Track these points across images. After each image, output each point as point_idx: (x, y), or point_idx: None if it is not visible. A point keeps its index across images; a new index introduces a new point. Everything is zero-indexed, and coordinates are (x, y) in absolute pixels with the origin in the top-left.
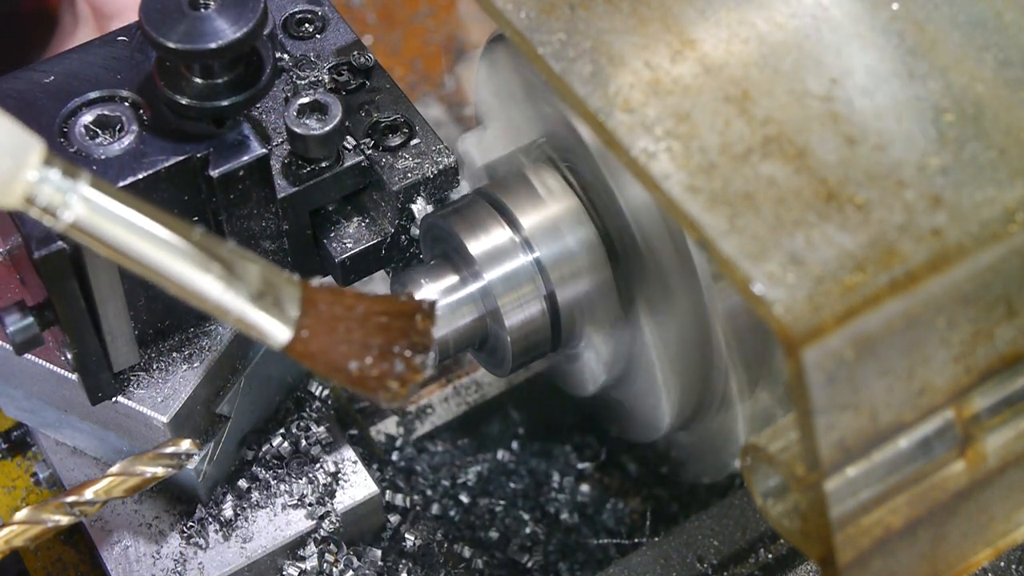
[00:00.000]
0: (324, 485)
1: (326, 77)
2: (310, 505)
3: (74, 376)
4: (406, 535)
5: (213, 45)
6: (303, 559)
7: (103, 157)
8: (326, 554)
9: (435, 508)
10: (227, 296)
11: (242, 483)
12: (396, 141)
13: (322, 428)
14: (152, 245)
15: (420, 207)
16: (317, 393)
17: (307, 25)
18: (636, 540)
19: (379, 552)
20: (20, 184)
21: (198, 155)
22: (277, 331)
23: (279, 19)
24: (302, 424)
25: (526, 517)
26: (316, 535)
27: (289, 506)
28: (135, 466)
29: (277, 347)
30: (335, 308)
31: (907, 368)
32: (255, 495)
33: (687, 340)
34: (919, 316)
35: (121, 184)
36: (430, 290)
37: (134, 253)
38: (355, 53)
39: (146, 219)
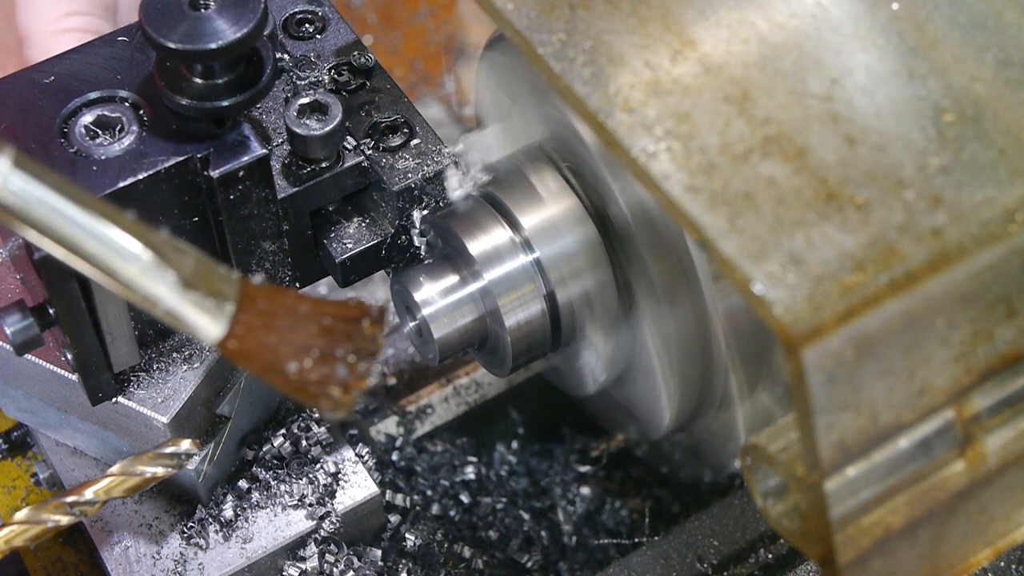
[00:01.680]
0: (324, 485)
1: (326, 77)
2: (310, 505)
3: (74, 376)
4: (406, 535)
5: (213, 45)
6: (303, 559)
7: (103, 158)
8: (326, 554)
9: (435, 508)
10: (155, 285)
11: (242, 483)
12: (396, 141)
13: (322, 428)
14: (74, 227)
15: (419, 215)
16: None
17: (307, 25)
18: (636, 540)
19: (379, 552)
20: None
21: (198, 155)
22: (208, 326)
23: (279, 19)
24: (302, 424)
25: (526, 517)
26: (316, 535)
27: (289, 506)
28: (135, 466)
29: (208, 343)
30: (275, 306)
31: (907, 368)
32: (255, 495)
33: (687, 340)
34: (919, 316)
35: (121, 184)
36: (430, 290)
37: (55, 234)
38: (355, 53)
39: (70, 200)
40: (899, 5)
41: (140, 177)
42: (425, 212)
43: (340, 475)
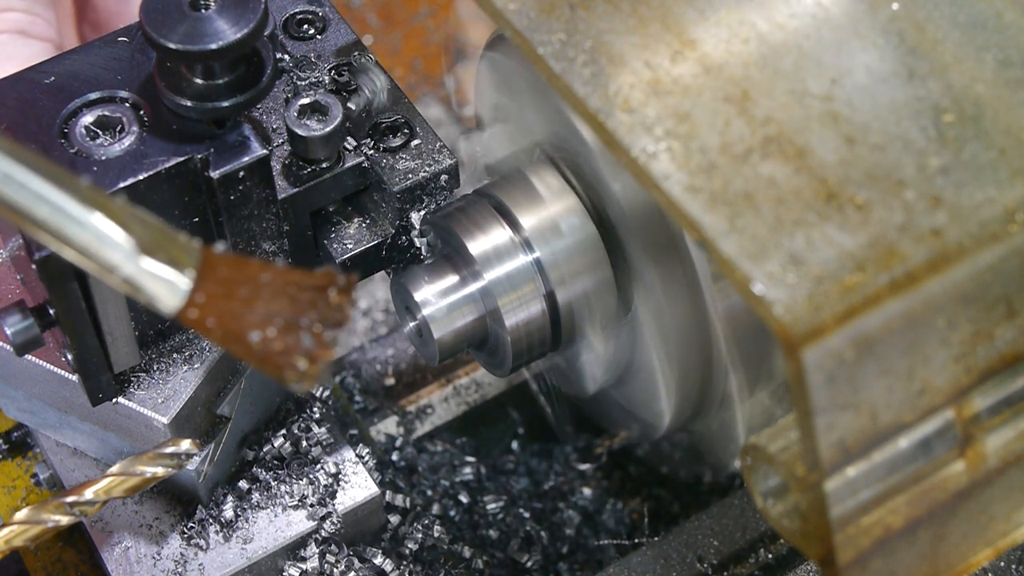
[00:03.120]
0: (325, 486)
1: (327, 78)
2: (311, 506)
3: (74, 377)
4: (406, 535)
5: (214, 46)
6: (304, 560)
7: (103, 158)
8: (327, 555)
9: (435, 508)
10: (111, 252)
11: (243, 484)
12: (396, 142)
13: (323, 429)
14: (26, 192)
15: (417, 216)
16: (318, 394)
17: (307, 26)
18: (636, 540)
19: (380, 552)
20: None
21: (199, 156)
22: (168, 294)
23: (279, 20)
24: (303, 425)
25: (526, 516)
26: (317, 536)
27: (290, 507)
28: (135, 466)
29: (168, 312)
30: (237, 274)
31: (907, 368)
32: (256, 496)
33: (687, 340)
34: (919, 316)
35: (122, 185)
36: (430, 290)
37: (6, 199)
38: (355, 54)
39: (23, 165)
40: (899, 5)
41: (140, 178)
42: (423, 214)
43: (340, 475)
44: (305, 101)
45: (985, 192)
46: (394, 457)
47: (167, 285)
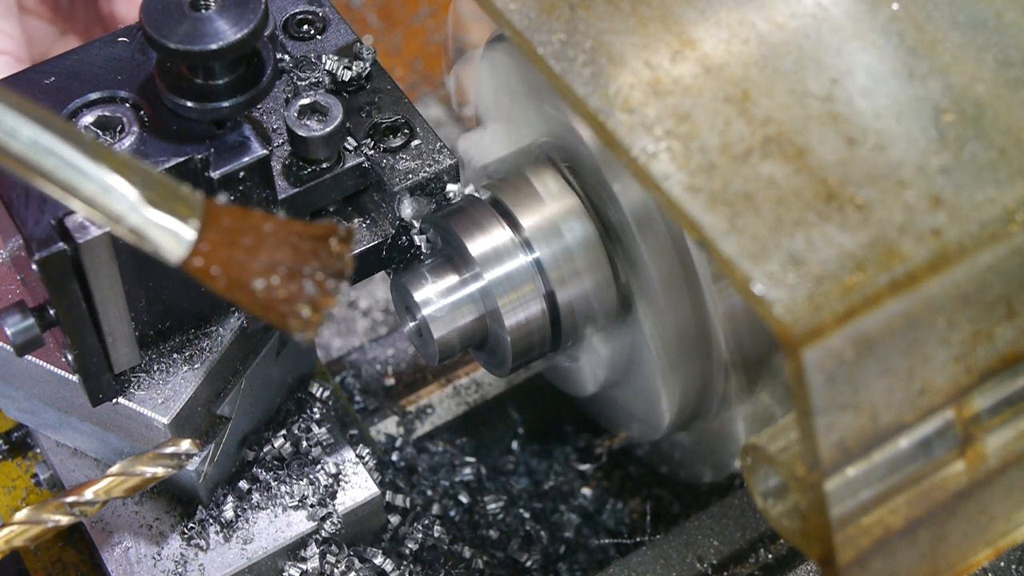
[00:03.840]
0: (325, 486)
1: (327, 78)
2: (311, 506)
3: (75, 377)
4: (406, 535)
5: (214, 46)
6: (304, 560)
7: None
8: (327, 555)
9: (435, 508)
10: (116, 203)
11: (243, 484)
12: (397, 142)
13: (323, 429)
14: (33, 145)
15: (409, 210)
16: (318, 394)
17: (307, 26)
18: (636, 540)
19: (380, 552)
20: None
21: (199, 156)
22: (173, 244)
23: (280, 20)
24: (303, 425)
25: (526, 516)
26: (317, 536)
27: (290, 507)
28: (135, 466)
29: (173, 261)
30: (241, 224)
31: (907, 368)
32: (256, 496)
33: (687, 340)
34: (919, 316)
35: None
36: (430, 290)
37: (12, 151)
38: (355, 54)
39: (28, 118)
40: (899, 5)
41: None
42: (415, 205)
43: (341, 476)
44: (305, 101)
45: (985, 192)
46: (394, 457)
47: (172, 235)
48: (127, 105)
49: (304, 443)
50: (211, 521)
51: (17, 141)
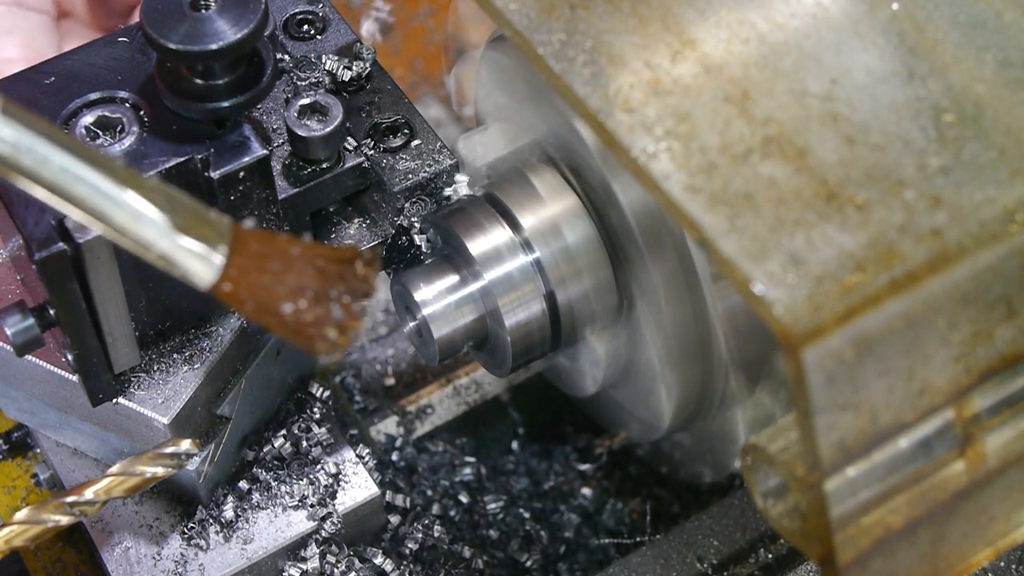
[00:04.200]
0: (325, 486)
1: (327, 78)
2: (311, 506)
3: (75, 377)
4: (406, 535)
5: (214, 46)
6: (304, 560)
7: None
8: (327, 555)
9: (435, 508)
10: (147, 230)
11: (243, 484)
12: (397, 142)
13: (323, 429)
14: (65, 174)
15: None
16: (318, 394)
17: (307, 26)
18: (636, 540)
19: (380, 552)
20: None
21: (199, 156)
22: (202, 269)
23: (280, 20)
24: (303, 425)
25: (526, 516)
26: (317, 536)
27: (290, 507)
28: (135, 466)
29: (203, 286)
30: (268, 248)
31: (907, 368)
32: (256, 496)
33: (687, 340)
34: (919, 316)
35: None
36: (430, 290)
37: (46, 182)
38: (355, 54)
39: (60, 147)
40: (899, 5)
41: None
42: (415, 203)
43: (341, 476)
44: (305, 101)
45: (985, 192)
46: (394, 457)
47: (201, 260)
48: (127, 105)
49: (304, 443)
50: (211, 521)
51: (48, 170)
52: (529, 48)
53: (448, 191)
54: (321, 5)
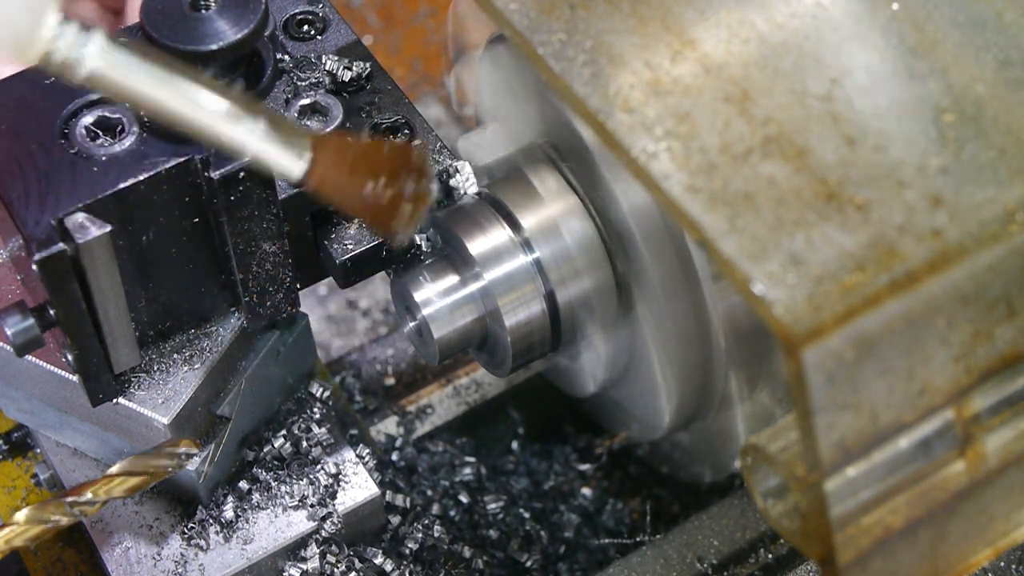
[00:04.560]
0: (325, 486)
1: (327, 78)
2: (311, 506)
3: (75, 377)
4: (406, 535)
5: (214, 46)
6: (304, 560)
7: (104, 158)
8: (327, 555)
9: (435, 508)
10: (243, 132)
11: (243, 484)
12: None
13: (323, 429)
14: (168, 91)
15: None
16: (318, 394)
17: (307, 26)
18: (636, 540)
19: (380, 552)
20: (39, 41)
21: (199, 156)
22: (293, 163)
23: (279, 20)
24: (303, 425)
25: (526, 516)
26: (317, 536)
27: (290, 507)
28: (135, 466)
29: (295, 177)
30: (341, 143)
31: (907, 368)
32: (256, 496)
33: (687, 340)
34: (919, 316)
35: (122, 185)
36: (430, 290)
37: (151, 99)
38: (355, 54)
39: (160, 68)
40: (899, 5)
41: (141, 178)
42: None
43: (341, 476)
44: (305, 102)
45: (985, 192)
46: (394, 457)
47: (292, 155)
48: (127, 105)
49: (304, 443)
50: (211, 521)
51: (166, 93)
52: (529, 48)
53: (456, 182)
54: (321, 5)
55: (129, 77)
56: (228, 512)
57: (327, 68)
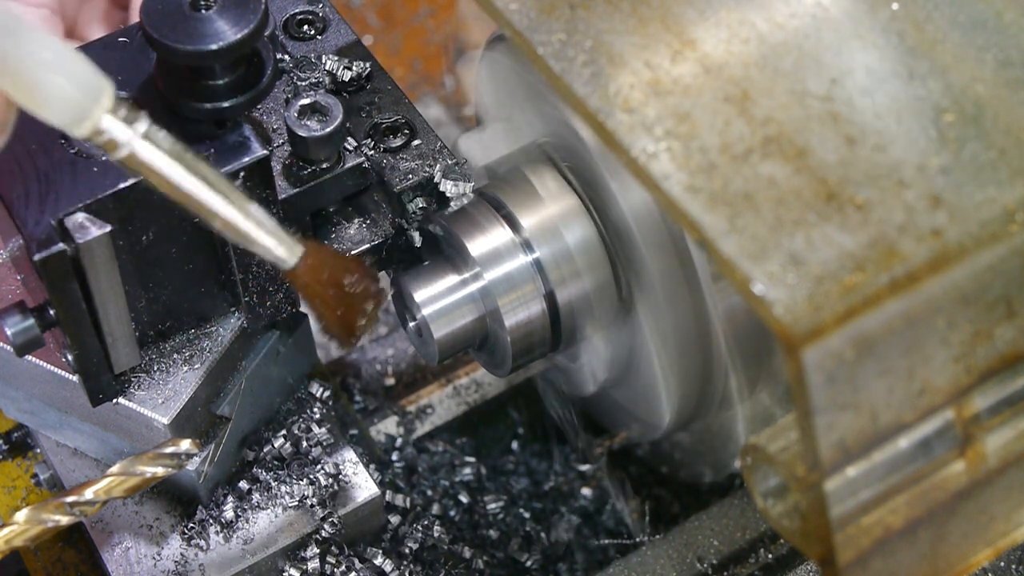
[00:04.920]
0: (325, 486)
1: (327, 78)
2: (311, 506)
3: (75, 377)
4: (406, 536)
5: (214, 46)
6: (304, 560)
7: (104, 158)
8: (327, 555)
9: (435, 508)
10: (250, 225)
11: (243, 484)
12: (397, 142)
13: (323, 429)
14: (194, 184)
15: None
16: (318, 394)
17: (307, 26)
18: (636, 540)
19: (380, 553)
20: (90, 121)
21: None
22: (288, 254)
23: (280, 20)
24: (303, 425)
25: (526, 516)
26: (317, 536)
27: (290, 507)
28: (135, 466)
29: (290, 264)
30: (325, 248)
31: (907, 368)
32: (256, 496)
33: (687, 340)
34: (919, 316)
35: (122, 186)
36: (430, 290)
37: (178, 188)
38: (355, 54)
39: (191, 159)
40: (899, 5)
41: (141, 178)
42: (421, 205)
43: (341, 476)
44: (305, 101)
45: (985, 192)
46: (394, 457)
47: (286, 247)
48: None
49: (304, 443)
50: (211, 521)
51: (191, 186)
52: (529, 48)
53: (448, 189)
54: (321, 5)
55: (163, 168)
56: (228, 512)
57: (327, 68)
